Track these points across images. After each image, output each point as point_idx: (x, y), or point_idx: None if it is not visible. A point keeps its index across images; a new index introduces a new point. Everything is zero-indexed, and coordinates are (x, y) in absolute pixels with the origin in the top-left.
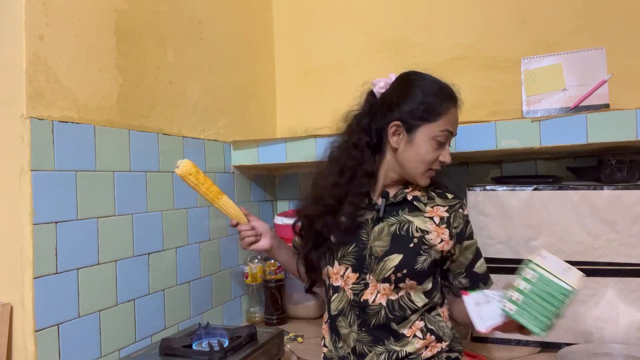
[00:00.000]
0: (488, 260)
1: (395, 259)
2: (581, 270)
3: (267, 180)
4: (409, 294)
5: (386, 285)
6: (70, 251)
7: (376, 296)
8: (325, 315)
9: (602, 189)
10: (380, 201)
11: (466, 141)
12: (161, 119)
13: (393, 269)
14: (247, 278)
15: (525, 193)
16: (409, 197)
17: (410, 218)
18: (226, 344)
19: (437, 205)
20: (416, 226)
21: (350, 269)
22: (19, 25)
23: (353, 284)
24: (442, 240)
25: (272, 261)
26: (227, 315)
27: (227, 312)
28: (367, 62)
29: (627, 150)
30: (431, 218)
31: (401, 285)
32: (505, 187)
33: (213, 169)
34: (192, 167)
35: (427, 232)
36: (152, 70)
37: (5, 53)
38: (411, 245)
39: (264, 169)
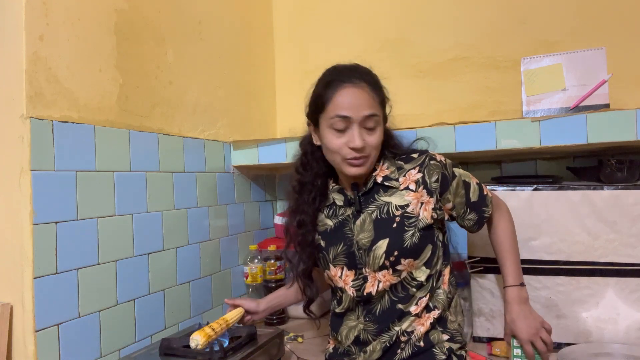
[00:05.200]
0: (488, 260)
1: (382, 244)
2: (581, 270)
3: (267, 180)
4: (411, 273)
5: (384, 272)
6: (70, 251)
7: (378, 286)
8: (332, 312)
9: (602, 189)
10: (353, 195)
11: (466, 141)
12: (161, 119)
13: (384, 255)
14: (247, 278)
15: (525, 193)
16: (379, 180)
17: (387, 199)
18: (226, 344)
19: (408, 171)
20: (395, 205)
21: (345, 269)
22: (19, 25)
23: (352, 281)
24: (422, 203)
25: (272, 261)
26: None
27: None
28: (367, 62)
29: (627, 150)
30: (407, 188)
31: (399, 267)
32: (505, 187)
33: (213, 169)
34: (205, 336)
35: (407, 205)
36: (152, 70)
37: (5, 53)
38: (394, 225)
39: (264, 169)
